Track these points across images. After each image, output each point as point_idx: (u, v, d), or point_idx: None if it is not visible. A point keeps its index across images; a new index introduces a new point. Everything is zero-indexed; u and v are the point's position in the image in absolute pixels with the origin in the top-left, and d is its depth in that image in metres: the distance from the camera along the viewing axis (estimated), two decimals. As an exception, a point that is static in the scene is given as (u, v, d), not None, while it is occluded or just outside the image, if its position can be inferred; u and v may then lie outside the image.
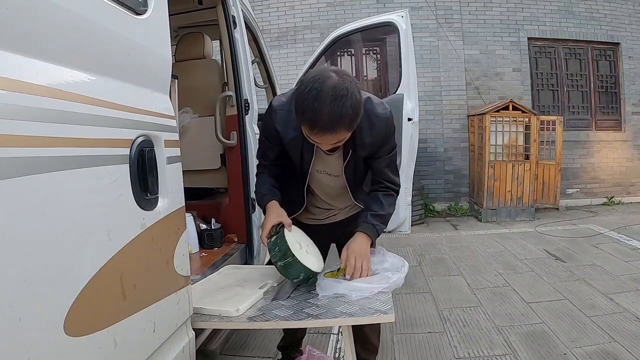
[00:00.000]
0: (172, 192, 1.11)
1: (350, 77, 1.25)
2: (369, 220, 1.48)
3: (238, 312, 1.25)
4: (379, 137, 1.42)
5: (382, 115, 1.41)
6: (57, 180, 0.73)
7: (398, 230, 4.29)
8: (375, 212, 1.49)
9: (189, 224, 1.87)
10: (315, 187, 1.62)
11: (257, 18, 3.39)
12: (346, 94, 1.19)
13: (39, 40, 0.74)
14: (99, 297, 0.82)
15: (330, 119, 1.19)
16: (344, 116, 1.19)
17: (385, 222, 1.53)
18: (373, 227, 1.48)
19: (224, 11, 2.17)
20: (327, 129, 1.21)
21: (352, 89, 1.21)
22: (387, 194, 1.53)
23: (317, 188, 1.62)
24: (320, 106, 1.18)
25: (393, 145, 1.50)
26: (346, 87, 1.19)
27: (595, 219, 5.08)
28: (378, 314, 1.22)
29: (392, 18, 3.23)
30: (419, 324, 2.50)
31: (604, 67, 6.14)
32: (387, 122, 1.42)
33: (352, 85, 1.22)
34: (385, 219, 1.53)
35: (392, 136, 1.47)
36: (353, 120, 1.23)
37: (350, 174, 1.52)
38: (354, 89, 1.21)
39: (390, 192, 1.54)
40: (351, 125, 1.24)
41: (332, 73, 1.23)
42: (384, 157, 1.49)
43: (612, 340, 2.17)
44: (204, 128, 2.37)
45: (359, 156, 1.47)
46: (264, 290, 1.43)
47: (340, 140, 1.31)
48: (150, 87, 1.09)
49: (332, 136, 1.24)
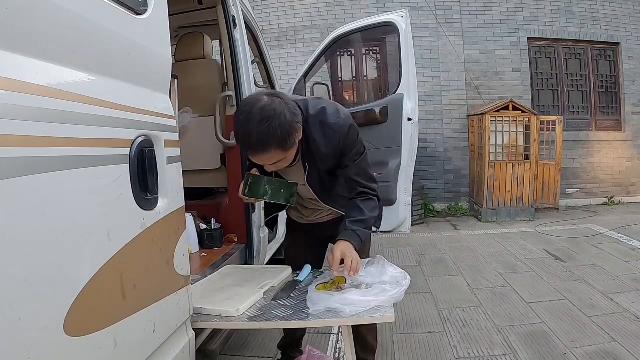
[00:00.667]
0: (172, 192, 1.11)
1: (282, 99, 1.29)
2: (349, 227, 1.46)
3: (238, 312, 1.25)
4: (335, 146, 1.42)
5: (334, 125, 1.40)
6: (57, 180, 0.73)
7: (398, 230, 4.29)
8: (354, 218, 1.48)
9: (189, 224, 1.87)
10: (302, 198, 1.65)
11: (257, 18, 3.39)
12: (273, 114, 1.23)
13: (39, 40, 0.74)
14: (99, 297, 0.82)
15: (258, 140, 1.23)
16: (272, 136, 1.23)
17: (368, 226, 1.51)
18: (354, 233, 1.45)
19: (224, 11, 2.17)
20: (258, 149, 1.26)
21: (281, 110, 1.25)
22: (365, 199, 1.52)
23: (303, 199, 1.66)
24: (249, 128, 1.23)
25: (358, 152, 1.48)
26: (273, 109, 1.24)
27: (595, 219, 5.08)
28: (378, 314, 1.22)
29: (392, 18, 3.23)
30: (419, 324, 2.50)
31: (604, 67, 6.14)
32: (340, 130, 1.40)
33: (280, 107, 1.25)
34: (367, 223, 1.50)
35: (354, 144, 1.45)
36: (284, 139, 1.26)
37: (315, 183, 1.52)
38: (282, 110, 1.25)
39: (367, 196, 1.52)
40: (283, 145, 1.27)
41: (264, 96, 1.29)
42: (350, 165, 1.48)
43: (612, 340, 2.17)
44: (204, 128, 2.37)
45: (321, 169, 1.48)
46: (264, 290, 1.42)
47: (280, 160, 1.32)
48: (150, 87, 1.09)
49: (266, 156, 1.28)
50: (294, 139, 1.30)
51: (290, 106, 1.30)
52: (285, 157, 1.33)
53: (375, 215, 1.54)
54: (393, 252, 4.04)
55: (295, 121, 1.29)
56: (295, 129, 1.29)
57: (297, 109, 1.33)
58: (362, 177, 1.52)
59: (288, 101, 1.31)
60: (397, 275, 1.38)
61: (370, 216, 1.50)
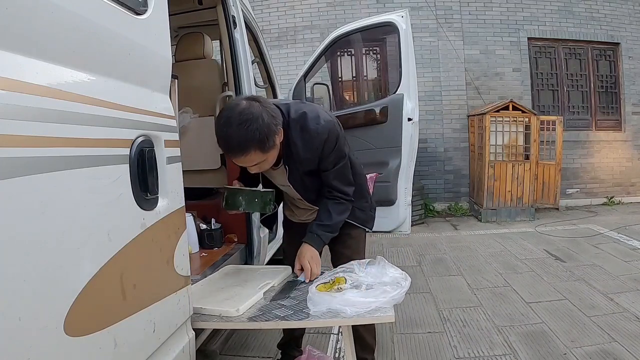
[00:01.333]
0: (172, 192, 1.11)
1: (260, 103, 1.34)
2: (314, 231, 1.55)
3: (238, 312, 1.25)
4: (313, 150, 1.45)
5: (313, 130, 1.43)
6: (57, 180, 0.73)
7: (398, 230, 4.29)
8: (321, 222, 1.56)
9: (189, 224, 1.87)
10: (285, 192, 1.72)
11: (257, 18, 3.39)
12: (251, 117, 1.27)
13: (39, 40, 0.74)
14: (99, 297, 0.82)
15: (237, 142, 1.28)
16: (250, 139, 1.27)
17: (334, 230, 1.59)
18: (318, 237, 1.55)
19: (224, 11, 2.17)
20: (237, 151, 1.31)
21: (258, 113, 1.29)
22: (337, 202, 1.58)
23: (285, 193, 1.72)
24: (229, 131, 1.28)
25: (339, 157, 1.51)
26: (251, 112, 1.28)
27: (595, 219, 5.08)
28: (378, 314, 1.22)
29: (392, 18, 3.24)
30: (419, 324, 2.50)
31: (604, 67, 6.14)
32: (319, 137, 1.43)
33: (258, 110, 1.30)
34: (334, 228, 1.58)
35: (333, 149, 1.47)
36: (262, 141, 1.29)
37: (298, 184, 1.57)
38: (260, 113, 1.29)
39: (340, 200, 1.58)
40: (261, 147, 1.31)
41: (243, 101, 1.33)
42: (330, 169, 1.52)
43: (612, 340, 2.17)
44: (204, 128, 2.37)
45: (300, 170, 1.51)
46: (264, 290, 1.42)
47: (262, 161, 1.36)
48: (150, 87, 1.09)
49: (246, 158, 1.32)
50: (273, 141, 1.33)
51: (269, 109, 1.33)
52: (266, 159, 1.37)
53: (344, 218, 1.60)
54: (393, 252, 4.04)
55: (274, 123, 1.33)
56: (273, 131, 1.32)
57: (276, 112, 1.37)
58: (341, 181, 1.56)
59: (267, 105, 1.35)
60: (397, 276, 1.38)
61: (337, 220, 1.57)
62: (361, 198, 1.70)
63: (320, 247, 1.55)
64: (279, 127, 1.36)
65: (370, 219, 1.78)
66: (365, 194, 1.75)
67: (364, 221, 1.74)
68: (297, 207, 1.77)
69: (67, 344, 0.73)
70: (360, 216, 1.71)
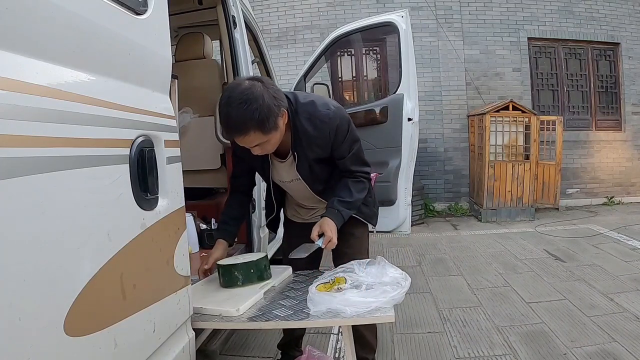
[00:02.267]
0: (172, 192, 1.11)
1: (263, 83, 1.33)
2: (335, 206, 1.52)
3: (238, 311, 1.25)
4: (324, 137, 1.45)
5: (324, 116, 1.43)
6: (57, 180, 0.73)
7: (398, 230, 4.29)
8: (342, 199, 1.53)
9: (189, 224, 1.87)
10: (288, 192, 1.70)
11: (257, 18, 3.39)
12: (251, 97, 1.27)
13: (39, 40, 0.74)
14: (99, 297, 0.82)
15: (237, 122, 1.28)
16: (250, 118, 1.27)
17: (353, 207, 1.57)
18: (338, 213, 1.51)
19: (224, 11, 2.17)
20: (237, 130, 1.30)
21: (259, 94, 1.28)
22: (357, 181, 1.57)
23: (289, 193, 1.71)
24: (229, 111, 1.28)
25: (353, 141, 1.51)
26: (252, 92, 1.28)
27: (595, 219, 5.08)
28: (378, 313, 1.22)
29: (392, 18, 3.24)
30: (419, 324, 2.50)
31: (604, 67, 6.14)
32: (331, 122, 1.43)
33: (259, 90, 1.29)
34: (353, 205, 1.56)
35: (347, 135, 1.48)
36: (262, 121, 1.28)
37: (306, 174, 1.55)
38: (261, 93, 1.29)
39: (360, 178, 1.57)
40: (262, 127, 1.29)
41: (246, 80, 1.33)
42: (347, 156, 1.52)
43: (612, 340, 2.17)
44: (204, 128, 2.37)
45: (309, 157, 1.50)
46: (265, 290, 1.42)
47: (263, 142, 1.35)
48: (150, 87, 1.09)
49: (246, 138, 1.32)
50: (274, 122, 1.32)
51: (271, 90, 1.33)
52: (268, 140, 1.35)
53: (362, 197, 1.59)
54: (393, 252, 4.04)
55: (275, 105, 1.32)
56: (274, 112, 1.31)
57: (279, 94, 1.36)
58: (359, 164, 1.57)
59: (269, 86, 1.34)
60: (397, 276, 1.38)
61: (358, 198, 1.56)
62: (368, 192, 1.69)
63: (340, 223, 1.51)
64: (281, 109, 1.35)
65: (374, 215, 1.77)
66: (370, 190, 1.74)
67: (369, 217, 1.73)
68: (300, 206, 1.76)
69: (67, 344, 0.73)
70: (365, 211, 1.70)
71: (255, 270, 1.47)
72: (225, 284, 1.47)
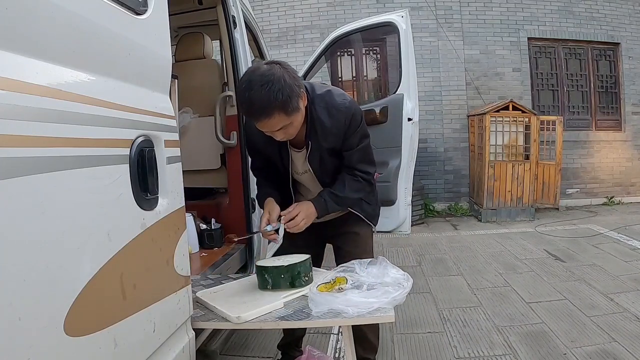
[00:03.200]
0: (172, 192, 1.11)
1: (281, 65, 1.32)
2: (323, 195, 1.52)
3: (239, 319, 1.23)
4: (340, 126, 1.45)
5: (340, 105, 1.44)
6: (57, 180, 0.73)
7: (398, 230, 4.28)
8: (333, 191, 1.52)
9: (189, 224, 1.87)
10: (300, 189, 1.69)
11: (257, 18, 3.40)
12: (272, 79, 1.25)
13: (39, 40, 0.74)
14: (99, 297, 0.82)
15: (260, 105, 1.26)
16: (273, 100, 1.25)
17: (341, 204, 1.55)
18: (324, 202, 1.50)
19: (224, 11, 2.17)
20: (261, 114, 1.28)
21: (280, 75, 1.27)
22: (355, 179, 1.55)
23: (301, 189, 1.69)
24: (251, 95, 1.26)
25: (363, 135, 1.51)
26: (273, 74, 1.27)
27: (595, 219, 5.08)
28: (378, 313, 1.22)
29: (392, 18, 3.23)
30: (419, 324, 2.50)
31: (604, 67, 6.14)
32: (347, 111, 1.44)
33: (279, 72, 1.28)
34: (342, 200, 1.54)
35: (359, 127, 1.48)
36: (285, 102, 1.27)
37: (316, 165, 1.54)
38: (282, 75, 1.28)
39: (358, 178, 1.55)
40: (285, 108, 1.28)
41: (263, 64, 1.32)
42: (355, 148, 1.51)
43: (612, 340, 2.17)
44: (204, 128, 2.37)
45: (323, 147, 1.49)
46: (288, 299, 1.33)
47: (287, 125, 1.33)
48: (150, 87, 1.09)
49: (270, 121, 1.30)
50: (296, 103, 1.32)
51: (290, 71, 1.32)
52: (292, 122, 1.35)
53: (355, 197, 1.57)
54: (393, 252, 4.04)
55: (296, 85, 1.31)
56: (296, 92, 1.31)
57: (296, 75, 1.35)
58: (364, 161, 1.55)
59: (287, 67, 1.33)
60: (399, 276, 1.37)
61: (348, 196, 1.54)
62: (371, 191, 1.69)
63: (322, 212, 1.50)
64: (302, 89, 1.35)
65: (376, 215, 1.76)
66: (374, 189, 1.73)
67: (371, 216, 1.71)
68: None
69: (67, 344, 0.73)
70: (368, 210, 1.69)
71: (286, 276, 1.36)
72: (259, 285, 1.41)
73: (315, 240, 1.75)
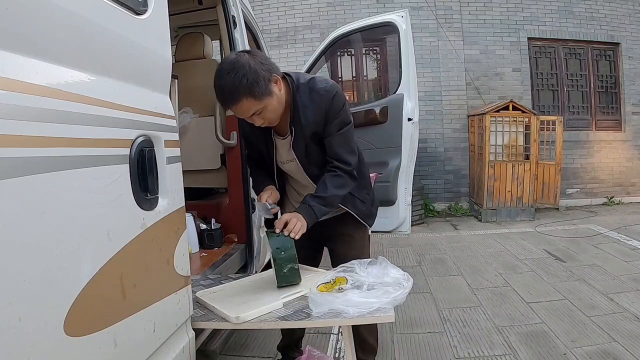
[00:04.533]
0: (172, 192, 1.11)
1: (249, 52, 1.39)
2: (307, 201, 1.48)
3: (238, 319, 1.23)
4: (321, 110, 1.46)
5: (321, 89, 1.46)
6: (57, 180, 0.73)
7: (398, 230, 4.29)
8: (316, 194, 1.49)
9: (189, 224, 1.87)
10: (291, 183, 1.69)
11: (257, 18, 3.40)
12: (237, 66, 1.31)
13: (39, 40, 0.74)
14: (99, 297, 0.82)
15: (228, 91, 1.33)
16: (238, 84, 1.31)
17: (329, 204, 1.50)
18: (310, 208, 1.46)
19: (224, 11, 2.17)
20: (229, 100, 1.35)
21: (245, 61, 1.32)
22: (335, 175, 1.50)
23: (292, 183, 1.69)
24: (219, 82, 1.34)
25: (343, 121, 1.50)
26: (238, 61, 1.33)
27: (595, 219, 5.08)
28: (378, 313, 1.22)
29: (392, 18, 3.24)
30: (419, 324, 2.50)
31: (604, 67, 6.14)
32: (328, 95, 1.45)
33: (245, 58, 1.34)
34: (328, 201, 1.49)
35: (340, 111, 1.47)
36: (251, 86, 1.31)
37: (301, 154, 1.53)
38: (247, 61, 1.33)
39: (337, 172, 1.50)
40: (252, 92, 1.32)
41: (233, 54, 1.39)
42: (333, 134, 1.49)
43: (612, 340, 2.17)
44: (204, 128, 2.37)
45: (306, 133, 1.49)
46: (287, 300, 1.33)
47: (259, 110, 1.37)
48: (150, 87, 1.09)
49: (239, 106, 1.35)
50: (265, 87, 1.35)
51: (259, 57, 1.37)
52: (266, 107, 1.38)
53: (341, 193, 1.51)
54: (393, 252, 4.04)
55: (263, 69, 1.35)
56: (263, 76, 1.34)
57: (268, 61, 1.40)
58: (344, 148, 1.51)
59: (257, 55, 1.39)
60: (399, 277, 1.36)
61: (333, 194, 1.49)
62: (364, 189, 1.66)
63: (312, 219, 1.45)
64: (272, 74, 1.37)
65: (371, 215, 1.72)
66: (368, 187, 1.71)
67: (365, 215, 1.67)
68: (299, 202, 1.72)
69: (67, 344, 0.73)
70: (361, 208, 1.65)
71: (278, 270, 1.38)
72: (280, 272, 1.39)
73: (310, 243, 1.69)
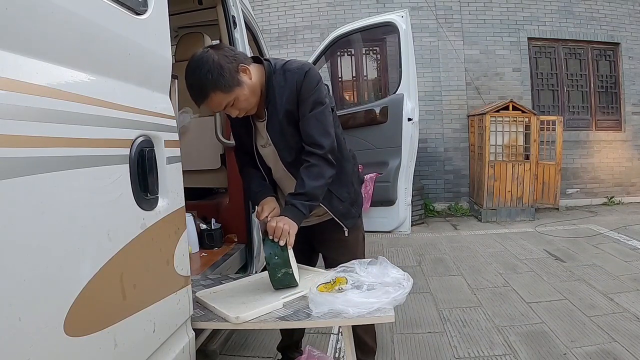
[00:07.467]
0: (172, 192, 1.11)
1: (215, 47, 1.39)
2: (289, 201, 1.43)
3: (238, 320, 1.23)
4: (292, 87, 1.43)
5: (294, 67, 1.45)
6: (57, 180, 0.73)
7: (398, 230, 4.29)
8: (295, 192, 1.43)
9: (189, 224, 1.87)
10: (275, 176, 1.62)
11: (257, 18, 3.40)
12: (202, 62, 1.32)
13: (39, 40, 0.74)
14: (99, 297, 0.82)
15: (197, 89, 1.34)
16: (205, 80, 1.31)
17: (312, 197, 1.43)
18: (293, 207, 1.40)
19: (224, 11, 2.17)
20: (199, 97, 1.35)
21: (209, 56, 1.32)
22: (308, 165, 1.44)
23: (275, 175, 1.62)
24: (187, 81, 1.34)
25: (317, 100, 1.44)
26: (202, 57, 1.33)
27: (595, 219, 5.08)
28: (378, 313, 1.22)
29: (392, 18, 3.24)
30: (419, 324, 2.50)
31: (604, 67, 6.14)
32: (300, 72, 1.43)
33: (209, 54, 1.33)
34: (310, 195, 1.42)
35: (313, 90, 1.43)
36: (217, 81, 1.32)
37: (276, 135, 1.48)
38: (211, 55, 1.33)
39: (310, 161, 1.43)
40: (219, 86, 1.32)
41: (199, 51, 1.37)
42: (307, 114, 1.43)
43: (612, 340, 2.17)
44: (204, 128, 2.37)
45: (280, 113, 1.45)
46: (287, 300, 1.33)
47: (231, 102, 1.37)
48: (150, 87, 1.09)
49: (210, 101, 1.35)
50: (231, 78, 1.34)
51: (224, 51, 1.37)
52: (237, 97, 1.37)
53: (320, 183, 1.43)
54: (393, 252, 4.04)
55: (227, 62, 1.34)
56: (228, 68, 1.33)
57: (232, 52, 1.40)
58: (318, 130, 1.44)
59: (223, 49, 1.39)
60: (399, 276, 1.36)
61: (312, 186, 1.42)
62: (343, 187, 1.58)
63: (298, 218, 1.40)
64: (240, 64, 1.37)
65: (349, 215, 1.61)
66: (349, 185, 1.61)
67: (341, 214, 1.58)
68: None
69: (67, 344, 0.73)
70: (338, 207, 1.57)
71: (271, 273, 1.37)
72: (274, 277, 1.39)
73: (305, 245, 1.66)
